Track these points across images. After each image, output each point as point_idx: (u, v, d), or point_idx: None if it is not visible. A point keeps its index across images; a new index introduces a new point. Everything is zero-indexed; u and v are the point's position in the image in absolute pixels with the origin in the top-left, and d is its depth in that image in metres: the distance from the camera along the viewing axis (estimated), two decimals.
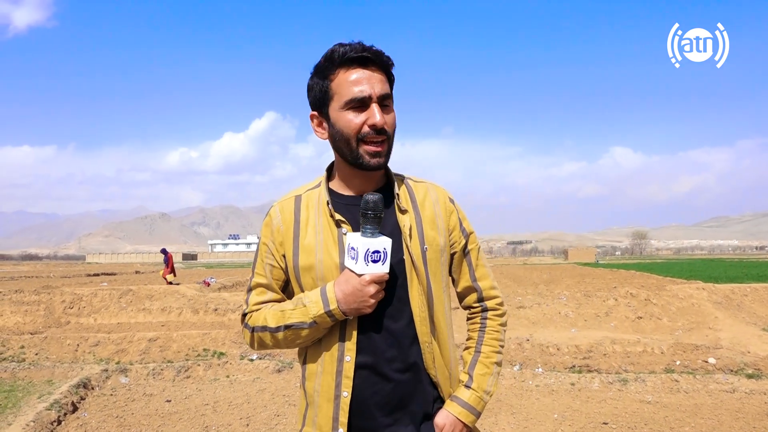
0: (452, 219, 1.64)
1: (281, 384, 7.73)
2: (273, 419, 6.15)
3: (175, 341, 9.70)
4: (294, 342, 1.54)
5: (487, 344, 1.66)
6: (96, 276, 32.67)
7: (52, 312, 12.72)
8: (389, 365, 1.50)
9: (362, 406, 1.49)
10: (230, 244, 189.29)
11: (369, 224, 1.43)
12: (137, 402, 6.90)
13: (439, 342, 1.57)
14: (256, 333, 1.57)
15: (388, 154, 1.52)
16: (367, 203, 1.42)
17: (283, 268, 1.58)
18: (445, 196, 1.66)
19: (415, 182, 1.66)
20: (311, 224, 1.55)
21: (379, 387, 1.49)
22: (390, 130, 1.50)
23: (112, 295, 13.46)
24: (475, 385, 1.60)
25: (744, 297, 12.09)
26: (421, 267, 1.53)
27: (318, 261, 1.51)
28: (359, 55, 1.47)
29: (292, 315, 1.49)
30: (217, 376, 8.26)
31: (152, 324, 11.90)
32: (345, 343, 1.49)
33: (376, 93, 1.47)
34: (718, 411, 6.25)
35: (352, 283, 1.42)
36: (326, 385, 1.51)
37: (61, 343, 9.67)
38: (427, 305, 1.54)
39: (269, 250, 1.59)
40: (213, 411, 6.50)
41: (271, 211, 1.63)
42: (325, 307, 1.45)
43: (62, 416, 6.08)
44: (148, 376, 8.08)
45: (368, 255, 1.41)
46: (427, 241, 1.55)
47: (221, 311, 12.42)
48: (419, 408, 1.55)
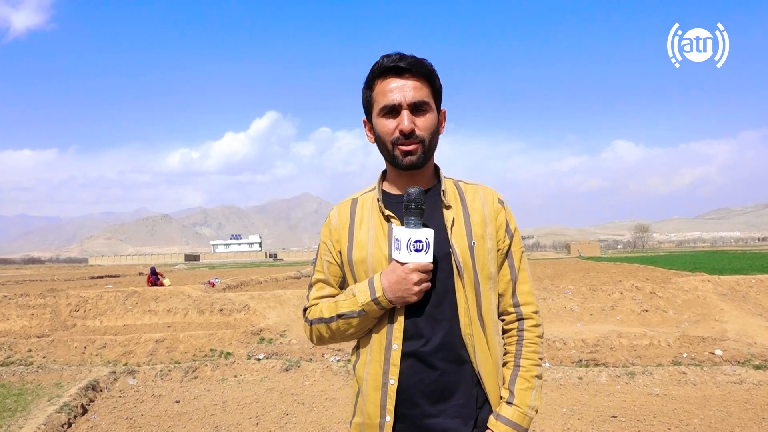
0: (499, 219, 1.69)
1: (289, 383, 7.75)
2: (282, 418, 6.17)
3: (182, 342, 9.72)
4: (347, 332, 1.64)
5: (526, 357, 1.65)
6: (100, 278, 32.71)
7: (58, 315, 12.74)
8: (435, 355, 1.55)
9: (407, 394, 1.55)
10: (232, 244, 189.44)
11: (411, 216, 1.52)
12: (146, 403, 6.92)
13: (486, 336, 1.60)
14: (314, 325, 1.70)
15: (425, 153, 1.62)
16: (409, 195, 1.52)
17: (339, 264, 1.70)
18: (494, 197, 1.72)
19: (466, 184, 1.74)
20: (364, 221, 1.68)
21: (424, 375, 1.55)
22: (423, 133, 1.60)
23: (117, 297, 13.47)
24: (518, 401, 1.59)
25: (749, 288, 12.06)
26: (468, 261, 1.59)
27: (369, 254, 1.62)
28: (393, 65, 1.60)
29: (344, 304, 1.61)
30: (224, 376, 8.28)
31: (158, 325, 11.91)
32: (393, 331, 1.57)
33: (407, 100, 1.58)
34: (727, 402, 6.26)
35: (397, 272, 1.51)
36: (374, 373, 1.59)
37: (68, 345, 9.69)
38: (475, 299, 1.59)
39: (327, 248, 1.72)
40: (222, 411, 6.52)
41: (330, 213, 1.77)
42: (371, 294, 1.55)
43: (72, 419, 6.11)
44: (156, 377, 8.10)
45: (410, 244, 1.50)
46: (474, 237, 1.62)
47: (227, 311, 12.43)
48: (464, 402, 1.56)
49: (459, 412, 1.56)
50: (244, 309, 12.40)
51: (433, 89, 1.64)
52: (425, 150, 1.61)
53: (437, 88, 1.66)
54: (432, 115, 1.62)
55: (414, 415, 1.55)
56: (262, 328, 10.54)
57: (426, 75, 1.62)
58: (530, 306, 1.70)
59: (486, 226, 1.65)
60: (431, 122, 1.62)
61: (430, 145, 1.62)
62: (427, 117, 1.61)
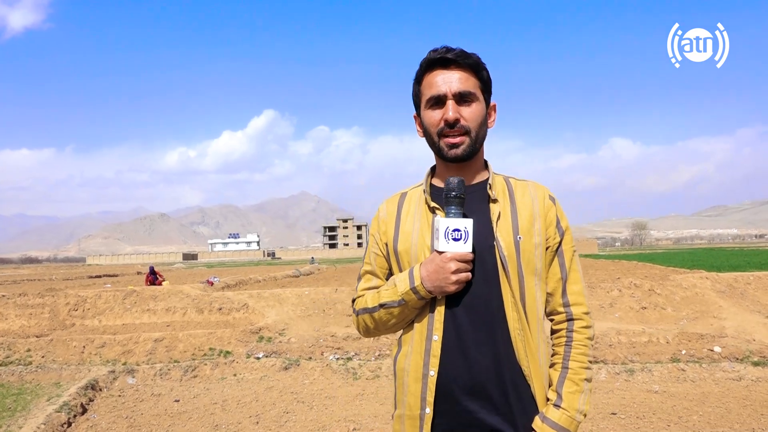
0: (549, 215, 1.65)
1: (289, 382, 7.75)
2: (282, 416, 6.17)
3: (181, 341, 9.71)
4: (389, 322, 1.66)
5: (575, 360, 1.61)
6: (98, 278, 32.68)
7: (56, 315, 12.73)
8: (475, 347, 1.54)
9: (447, 387, 1.54)
10: (230, 243, 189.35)
11: (451, 205, 1.52)
12: (146, 402, 6.92)
13: (531, 333, 1.57)
14: (359, 316, 1.73)
15: (472, 146, 1.61)
16: (449, 184, 1.53)
17: (385, 255, 1.73)
18: (545, 194, 1.69)
19: (517, 181, 1.72)
20: (411, 214, 1.69)
21: (462, 369, 1.54)
22: (469, 123, 1.59)
23: (116, 296, 13.45)
24: (566, 405, 1.55)
25: (747, 285, 12.10)
26: (512, 255, 1.57)
27: (413, 245, 1.64)
28: (439, 57, 1.61)
29: (385, 294, 1.63)
30: (224, 375, 8.28)
31: (157, 324, 11.90)
32: (433, 322, 1.57)
33: (452, 90, 1.58)
34: (726, 399, 6.27)
35: (435, 261, 1.52)
36: (415, 365, 1.59)
37: (67, 345, 9.67)
38: (520, 294, 1.56)
39: (375, 240, 1.76)
40: (222, 410, 6.52)
41: (379, 206, 1.80)
42: (410, 283, 1.56)
43: (72, 418, 6.10)
44: (155, 377, 8.09)
45: (448, 233, 1.49)
46: (521, 231, 1.59)
47: (225, 310, 12.43)
48: (505, 400, 1.54)
49: (500, 409, 1.53)
50: (243, 308, 12.40)
51: (481, 81, 1.64)
52: (471, 142, 1.60)
53: (485, 80, 1.65)
54: (478, 105, 1.62)
55: (453, 410, 1.54)
56: (261, 326, 10.54)
57: (472, 66, 1.62)
58: (581, 306, 1.66)
59: (534, 221, 1.62)
60: (477, 113, 1.61)
61: (476, 137, 1.61)
62: (473, 108, 1.60)
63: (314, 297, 12.61)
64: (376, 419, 5.97)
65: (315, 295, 12.77)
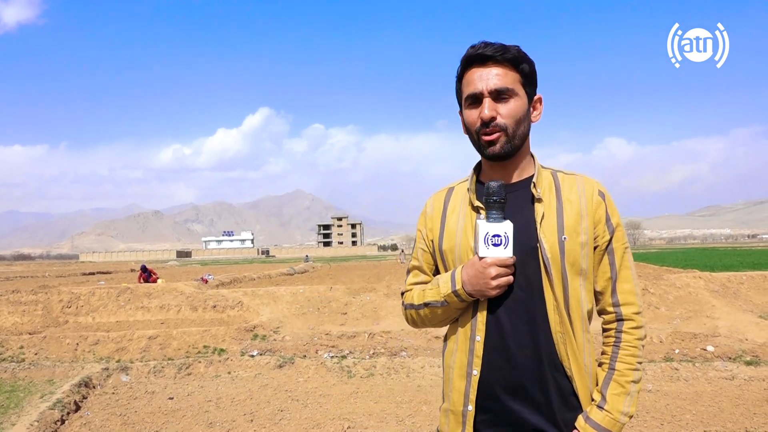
0: (598, 212, 1.61)
1: (283, 379, 7.75)
2: (277, 414, 6.16)
3: (175, 339, 9.69)
4: (433, 320, 1.70)
5: (623, 361, 1.59)
6: (92, 275, 32.58)
7: (50, 312, 12.67)
8: (517, 349, 1.55)
9: (488, 386, 1.57)
10: (224, 241, 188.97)
11: (492, 209, 1.51)
12: (140, 400, 6.90)
13: (574, 334, 1.56)
14: (407, 310, 1.77)
15: (509, 142, 1.57)
16: (489, 189, 1.51)
17: (431, 252, 1.74)
18: (594, 189, 1.63)
19: (565, 175, 1.67)
20: (456, 211, 1.69)
21: (504, 370, 1.55)
22: (505, 120, 1.56)
23: (110, 293, 13.41)
24: (609, 407, 1.54)
25: (740, 285, 12.16)
26: (556, 256, 1.54)
27: (457, 245, 1.64)
28: (477, 54, 1.58)
29: (430, 293, 1.66)
30: (218, 372, 8.26)
31: (151, 322, 11.86)
32: (476, 323, 1.59)
33: (488, 88, 1.56)
34: (719, 398, 6.30)
35: (475, 266, 1.53)
36: (460, 363, 1.61)
37: (61, 342, 9.64)
38: (563, 296, 1.55)
39: (422, 236, 1.78)
40: (216, 407, 6.51)
41: (426, 202, 1.80)
42: (452, 287, 1.58)
43: (65, 415, 6.08)
44: (149, 374, 8.07)
45: (488, 239, 1.50)
46: (566, 231, 1.56)
47: (220, 308, 12.40)
48: (546, 399, 1.54)
49: (542, 409, 1.54)
50: (237, 306, 12.38)
51: (522, 75, 1.60)
52: (509, 138, 1.57)
53: (526, 73, 1.61)
54: (517, 101, 1.58)
55: (496, 408, 1.56)
56: (255, 324, 10.53)
57: (511, 61, 1.58)
58: (631, 306, 1.62)
59: (581, 219, 1.58)
60: (515, 109, 1.57)
61: (515, 133, 1.57)
62: (510, 104, 1.57)
63: (309, 295, 12.60)
64: (370, 417, 5.97)
65: (310, 293, 12.77)
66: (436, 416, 5.96)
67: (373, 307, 11.71)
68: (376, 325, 10.61)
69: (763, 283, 12.69)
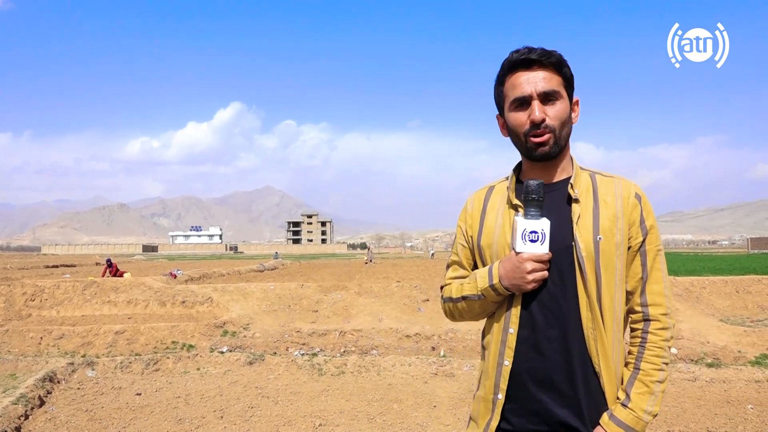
0: (633, 214, 1.65)
1: (253, 376, 7.70)
2: (247, 411, 6.13)
3: (143, 334, 9.55)
4: (471, 313, 1.76)
5: (648, 361, 1.62)
6: (56, 268, 31.85)
7: (12, 305, 12.35)
8: (548, 343, 1.60)
9: (518, 377, 1.63)
10: (192, 236, 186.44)
11: (531, 207, 1.57)
12: (106, 395, 6.78)
13: (606, 332, 1.59)
14: (446, 303, 1.83)
15: (557, 143, 1.63)
16: (528, 187, 1.58)
17: (470, 247, 1.80)
18: (630, 191, 1.67)
19: (603, 176, 1.72)
20: (495, 209, 1.75)
21: (534, 362, 1.61)
22: (554, 122, 1.62)
23: (75, 287, 13.13)
24: (633, 405, 1.58)
25: (702, 289, 12.50)
26: (591, 255, 1.59)
27: (494, 241, 1.70)
28: (523, 58, 1.63)
29: (467, 287, 1.72)
30: (187, 368, 8.17)
31: (118, 316, 11.67)
32: (510, 316, 1.64)
33: (537, 90, 1.61)
34: (681, 399, 6.48)
35: (512, 261, 1.59)
36: (494, 353, 1.68)
37: (24, 336, 9.42)
38: (596, 294, 1.59)
39: (462, 232, 1.84)
40: (185, 404, 6.44)
41: (467, 198, 1.87)
42: (489, 281, 1.64)
43: (29, 410, 5.95)
44: (116, 370, 7.94)
45: (525, 235, 1.56)
46: (602, 231, 1.60)
47: (189, 303, 12.25)
48: (574, 394, 1.58)
49: (569, 402, 1.58)
50: (207, 301, 12.24)
51: (564, 79, 1.66)
52: (557, 139, 1.62)
53: (568, 77, 1.67)
54: (563, 104, 1.64)
55: (524, 398, 1.62)
56: (225, 320, 10.44)
57: (555, 65, 1.64)
58: (659, 307, 1.65)
59: (617, 220, 1.62)
60: (562, 111, 1.63)
61: (561, 135, 1.63)
62: (557, 106, 1.63)
63: (280, 292, 12.53)
64: (341, 415, 5.98)
65: (280, 290, 12.70)
66: (406, 414, 6.00)
67: (345, 305, 11.70)
68: (347, 323, 10.61)
69: (724, 288, 13.07)
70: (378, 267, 31.92)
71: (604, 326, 1.59)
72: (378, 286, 12.91)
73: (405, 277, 19.70)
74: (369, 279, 18.33)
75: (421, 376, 7.62)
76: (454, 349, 8.82)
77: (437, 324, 10.01)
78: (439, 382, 7.36)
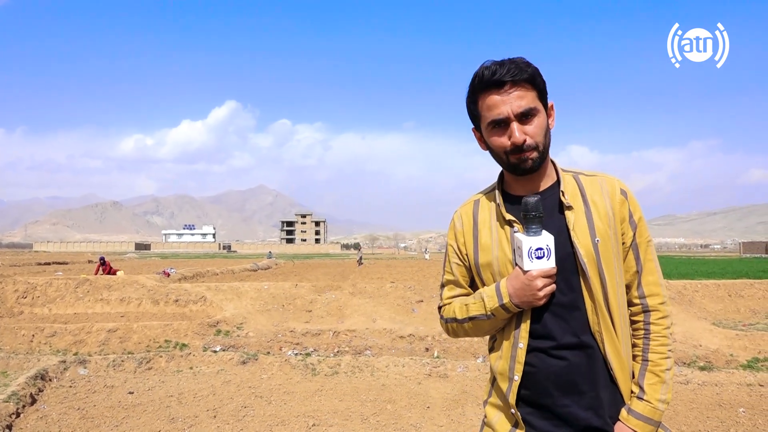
0: (622, 210, 1.68)
1: (246, 376, 7.68)
2: (240, 411, 6.11)
3: (136, 332, 9.51)
4: (480, 331, 1.76)
5: (654, 351, 1.67)
6: (48, 265, 31.69)
7: (4, 302, 12.28)
8: (567, 350, 1.61)
9: (539, 385, 1.63)
10: (185, 234, 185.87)
11: (531, 224, 1.57)
12: (98, 394, 6.75)
13: (616, 331, 1.62)
14: (449, 324, 1.81)
15: (542, 155, 1.64)
16: (527, 205, 1.57)
17: (466, 265, 1.79)
18: (616, 188, 1.69)
19: (587, 176, 1.73)
20: (487, 224, 1.74)
21: (554, 367, 1.62)
22: (534, 139, 1.61)
23: (68, 284, 13.06)
24: (648, 396, 1.63)
25: (695, 293, 12.56)
26: (592, 259, 1.61)
27: (494, 258, 1.69)
28: (494, 80, 1.60)
29: (473, 308, 1.71)
30: (180, 367, 8.14)
31: (111, 315, 11.62)
32: (520, 331, 1.65)
33: (514, 112, 1.60)
34: (673, 402, 6.49)
35: (521, 279, 1.58)
36: (503, 368, 1.69)
37: (15, 333, 9.36)
38: (602, 295, 1.61)
39: (454, 250, 1.82)
40: (178, 402, 6.42)
41: (454, 216, 1.85)
42: (499, 300, 1.63)
43: (21, 408, 5.91)
44: (108, 368, 7.90)
45: (531, 252, 1.56)
46: (598, 233, 1.63)
47: (182, 302, 12.21)
48: (595, 394, 1.61)
49: (591, 403, 1.60)
50: (200, 300, 12.21)
51: (538, 90, 1.64)
52: (540, 153, 1.63)
53: (541, 88, 1.65)
54: (540, 117, 1.63)
55: (547, 404, 1.63)
56: (219, 320, 10.41)
57: (528, 80, 1.61)
58: (657, 297, 1.69)
59: (609, 220, 1.65)
60: (541, 125, 1.63)
61: (544, 148, 1.64)
62: (535, 122, 1.62)
63: (273, 292, 12.51)
64: (335, 415, 5.97)
65: (274, 289, 12.67)
66: (400, 415, 6.00)
67: (338, 305, 11.69)
68: (340, 323, 10.60)
69: (716, 292, 13.14)
70: (372, 267, 31.92)
71: (613, 326, 1.62)
72: (372, 287, 12.90)
73: (399, 278, 19.71)
74: (363, 279, 18.32)
75: (415, 376, 7.62)
76: (448, 350, 8.83)
77: (431, 325, 10.01)
78: (433, 383, 7.37)
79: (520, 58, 1.63)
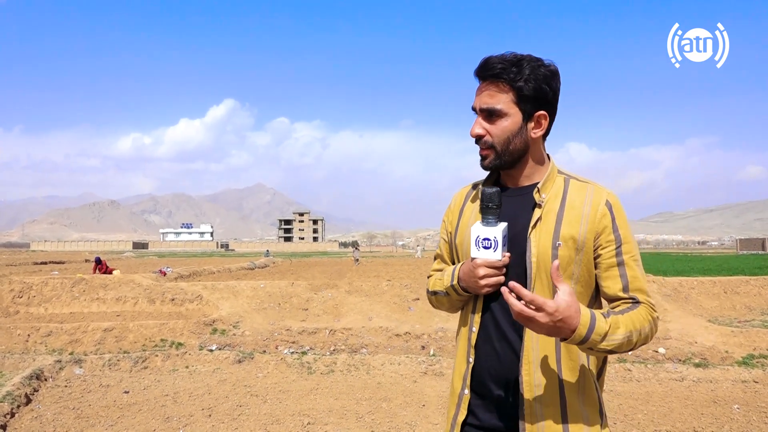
0: (603, 221, 1.59)
1: (242, 375, 7.68)
2: (236, 410, 6.11)
3: (132, 331, 9.50)
4: (443, 306, 1.87)
5: (631, 317, 1.52)
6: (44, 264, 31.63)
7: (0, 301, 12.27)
8: (503, 343, 1.65)
9: (480, 374, 1.69)
10: (183, 233, 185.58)
11: (486, 214, 1.60)
12: (94, 393, 6.74)
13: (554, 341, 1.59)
14: (428, 294, 1.91)
15: (498, 159, 1.66)
16: (484, 194, 1.61)
17: (449, 243, 1.86)
18: (602, 199, 1.62)
19: (579, 181, 1.68)
20: (471, 209, 1.79)
21: (492, 361, 1.67)
22: (492, 139, 1.64)
23: (63, 284, 13.03)
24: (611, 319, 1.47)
25: (691, 290, 12.58)
26: (545, 261, 1.58)
27: (465, 240, 1.75)
28: (476, 70, 1.66)
29: (438, 284, 1.81)
30: (175, 366, 8.14)
31: (107, 314, 11.61)
32: (474, 315, 1.72)
33: (479, 106, 1.65)
34: (669, 398, 6.52)
35: (467, 265, 1.65)
36: (462, 349, 1.76)
37: (11, 333, 9.35)
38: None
39: (444, 227, 1.90)
40: (173, 402, 6.41)
41: (453, 195, 1.93)
42: (451, 281, 1.73)
43: (16, 408, 5.90)
44: (103, 367, 7.89)
45: (479, 241, 1.60)
46: (562, 237, 1.58)
47: (178, 301, 12.20)
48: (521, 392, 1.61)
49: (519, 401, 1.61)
50: (196, 299, 12.20)
51: (517, 93, 1.59)
52: (498, 155, 1.65)
53: (524, 93, 1.59)
54: (506, 121, 1.61)
55: (485, 394, 1.69)
56: (215, 318, 10.40)
57: (509, 81, 1.59)
58: (647, 298, 1.60)
59: (580, 226, 1.58)
60: (503, 128, 1.62)
61: (504, 151, 1.64)
62: (497, 124, 1.63)
63: (270, 290, 12.51)
64: (330, 414, 5.97)
65: (271, 288, 12.67)
66: (395, 413, 6.00)
67: (335, 303, 11.70)
68: (337, 321, 10.60)
69: (712, 289, 13.17)
70: (368, 266, 31.91)
71: None
72: (368, 285, 12.91)
73: (395, 276, 19.72)
74: (359, 278, 18.33)
75: (411, 375, 7.62)
76: (444, 348, 8.83)
77: (427, 323, 10.02)
78: (429, 381, 7.37)
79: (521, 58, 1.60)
